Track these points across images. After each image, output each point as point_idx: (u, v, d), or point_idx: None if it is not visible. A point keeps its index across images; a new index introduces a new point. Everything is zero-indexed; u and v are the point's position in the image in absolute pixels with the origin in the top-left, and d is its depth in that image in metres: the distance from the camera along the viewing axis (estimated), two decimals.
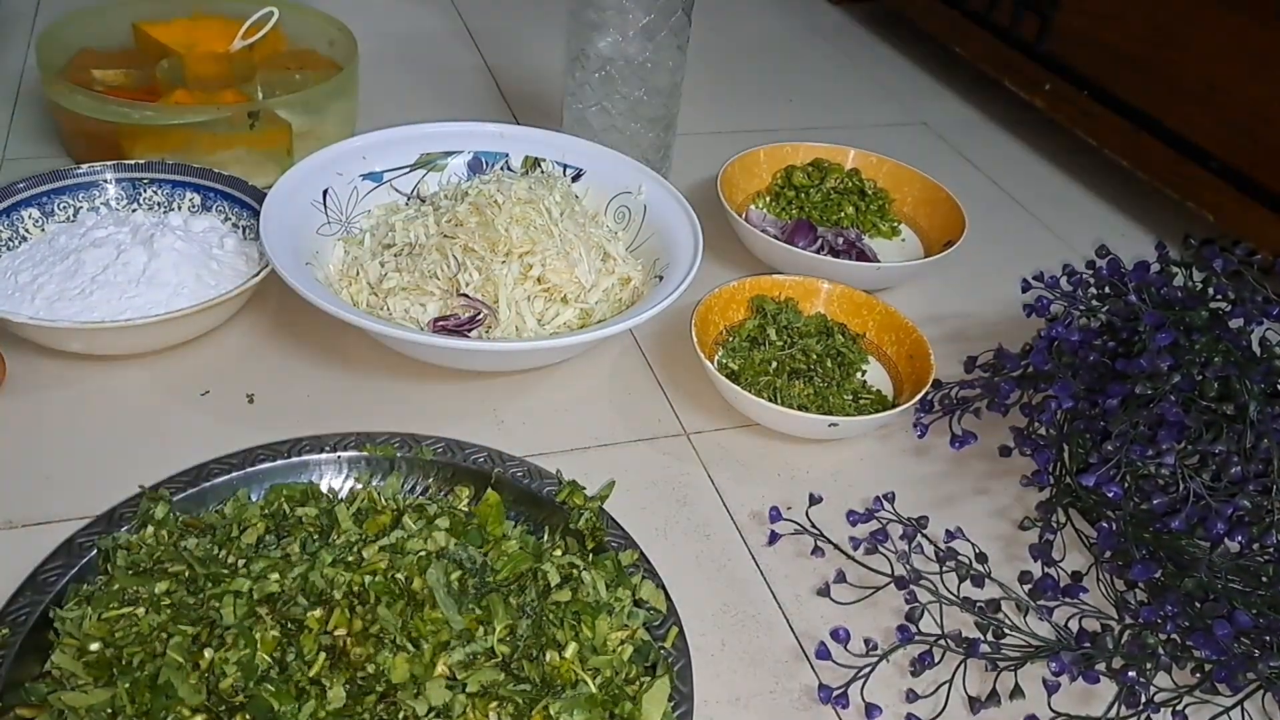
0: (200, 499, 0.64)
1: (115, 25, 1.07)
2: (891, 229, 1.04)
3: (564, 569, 0.59)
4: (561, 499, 0.65)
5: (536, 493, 0.66)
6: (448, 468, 0.67)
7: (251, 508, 0.62)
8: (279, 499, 0.63)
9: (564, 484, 0.66)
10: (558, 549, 0.62)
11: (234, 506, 0.63)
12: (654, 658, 0.56)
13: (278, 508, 0.62)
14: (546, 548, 0.61)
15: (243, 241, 0.85)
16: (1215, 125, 1.01)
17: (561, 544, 0.63)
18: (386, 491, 0.65)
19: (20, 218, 0.83)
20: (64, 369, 0.76)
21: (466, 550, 0.58)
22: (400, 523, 0.60)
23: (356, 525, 0.60)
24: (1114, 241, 1.08)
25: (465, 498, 0.66)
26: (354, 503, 0.63)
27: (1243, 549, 0.64)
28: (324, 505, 0.62)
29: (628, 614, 0.58)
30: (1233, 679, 0.60)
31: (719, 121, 1.24)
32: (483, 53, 1.34)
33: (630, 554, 0.62)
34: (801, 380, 0.80)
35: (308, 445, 0.67)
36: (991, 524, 0.74)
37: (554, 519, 0.65)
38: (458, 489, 0.67)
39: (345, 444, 0.67)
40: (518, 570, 0.58)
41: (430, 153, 0.93)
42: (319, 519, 0.61)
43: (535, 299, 0.80)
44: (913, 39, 1.52)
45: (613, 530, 0.64)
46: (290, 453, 0.66)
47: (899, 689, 0.62)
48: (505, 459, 0.68)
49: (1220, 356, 0.70)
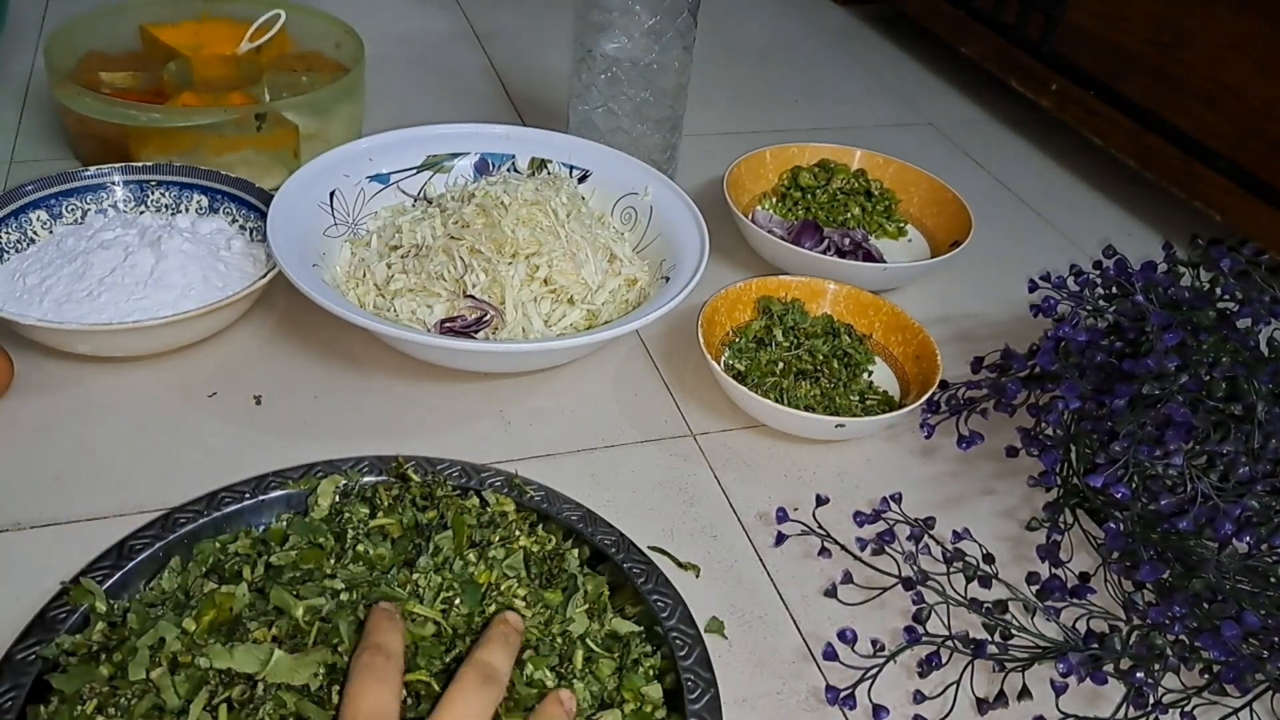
0: (216, 526, 0.62)
1: (122, 28, 1.07)
2: (898, 229, 1.04)
3: None
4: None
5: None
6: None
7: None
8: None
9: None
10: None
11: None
12: None
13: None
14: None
15: (250, 243, 0.85)
16: (1223, 125, 1.01)
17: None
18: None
19: (28, 220, 0.83)
20: (72, 371, 0.76)
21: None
22: None
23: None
24: (1121, 241, 1.08)
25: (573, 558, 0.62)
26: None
27: (1251, 549, 0.64)
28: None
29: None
30: (1241, 680, 0.60)
31: (725, 122, 1.24)
32: (489, 54, 1.34)
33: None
34: (808, 381, 0.80)
35: (320, 470, 0.65)
36: (999, 524, 0.74)
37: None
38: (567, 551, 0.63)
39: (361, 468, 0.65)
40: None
41: (436, 154, 0.93)
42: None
43: (542, 300, 0.80)
44: (918, 39, 1.52)
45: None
46: (302, 479, 0.64)
47: (906, 690, 0.62)
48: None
49: (1228, 356, 0.69)
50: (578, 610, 0.56)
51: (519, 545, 0.60)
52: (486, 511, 0.63)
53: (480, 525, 0.61)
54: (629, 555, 0.61)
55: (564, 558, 0.60)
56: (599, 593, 0.59)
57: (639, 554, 0.61)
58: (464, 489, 0.65)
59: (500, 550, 0.59)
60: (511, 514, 0.63)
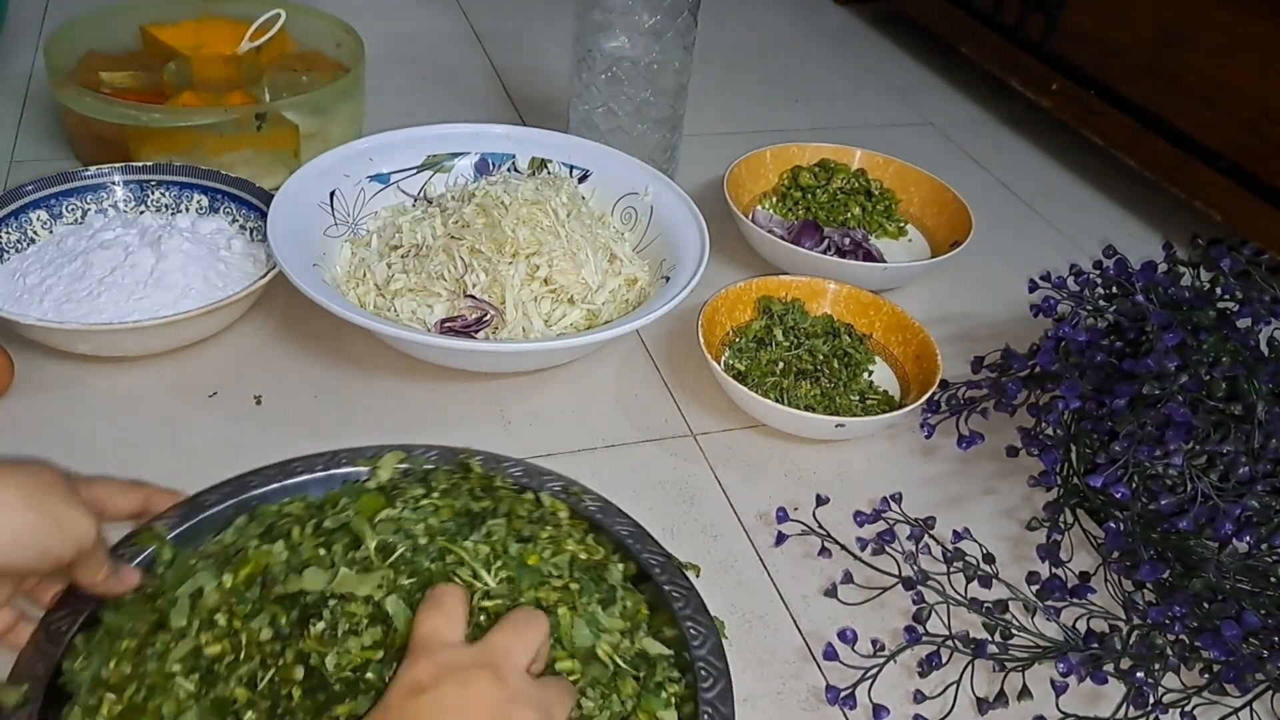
0: (244, 507, 0.62)
1: (123, 28, 1.08)
2: (898, 229, 1.04)
3: None
4: None
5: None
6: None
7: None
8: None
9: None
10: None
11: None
12: None
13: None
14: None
15: (250, 243, 0.85)
16: (1223, 124, 1.01)
17: None
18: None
19: (28, 220, 0.83)
20: (72, 370, 0.76)
21: None
22: None
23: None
24: (1121, 241, 1.08)
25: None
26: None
27: (1251, 549, 0.64)
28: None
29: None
30: (1241, 679, 0.60)
31: (725, 122, 1.24)
32: (489, 54, 1.34)
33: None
34: (808, 381, 0.80)
35: (344, 458, 0.65)
36: (999, 524, 0.74)
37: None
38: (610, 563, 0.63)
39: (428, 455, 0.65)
40: None
41: (437, 154, 0.93)
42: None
43: (542, 300, 0.80)
44: (919, 39, 1.52)
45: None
46: (329, 465, 0.64)
47: (906, 690, 0.62)
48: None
49: (1228, 356, 0.69)
50: (612, 622, 0.56)
51: (567, 548, 0.59)
52: (540, 510, 0.63)
53: (530, 521, 0.61)
54: (672, 578, 0.60)
55: (608, 569, 0.59)
56: (636, 609, 0.58)
57: (683, 579, 0.59)
58: (522, 487, 0.65)
59: (548, 548, 0.58)
60: (564, 518, 0.62)
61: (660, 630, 0.58)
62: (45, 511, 0.49)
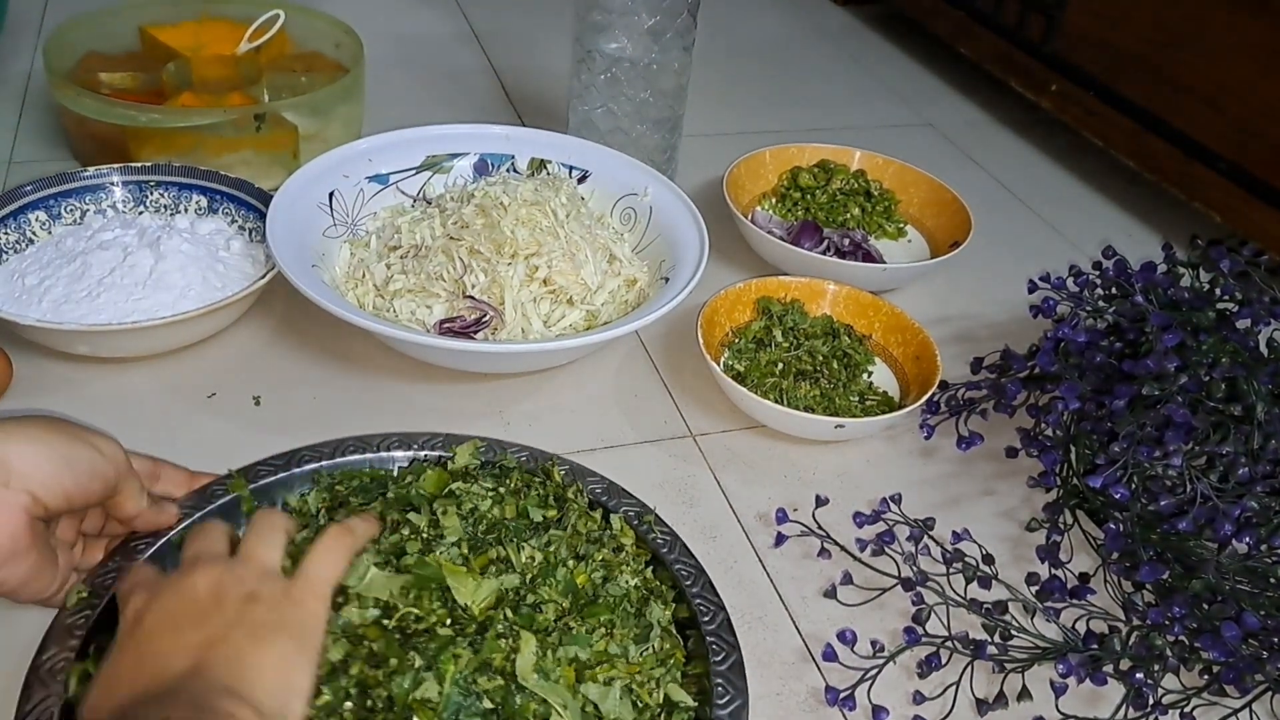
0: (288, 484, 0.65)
1: (122, 28, 1.08)
2: (897, 230, 1.04)
3: None
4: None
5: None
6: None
7: None
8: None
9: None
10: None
11: None
12: None
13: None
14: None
15: (249, 244, 0.85)
16: (1222, 125, 1.01)
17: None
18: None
19: (27, 220, 0.83)
20: (71, 371, 0.76)
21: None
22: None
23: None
24: (1120, 242, 1.08)
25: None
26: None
27: (1250, 550, 0.64)
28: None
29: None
30: (1241, 680, 0.60)
31: (725, 123, 1.24)
32: (488, 55, 1.34)
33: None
34: (808, 382, 0.80)
35: (397, 441, 0.68)
36: (998, 525, 0.74)
37: None
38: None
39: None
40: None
41: (436, 155, 0.93)
42: None
43: (541, 301, 0.80)
44: (918, 40, 1.52)
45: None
46: (379, 447, 0.67)
47: (906, 691, 0.62)
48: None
49: (1227, 357, 0.69)
50: (640, 660, 0.55)
51: (618, 576, 0.59)
52: (607, 533, 0.62)
53: (589, 540, 0.61)
54: (719, 630, 0.58)
55: (650, 607, 0.58)
56: (670, 653, 0.57)
57: (729, 635, 0.58)
58: (595, 503, 0.65)
59: (599, 570, 0.58)
60: (629, 545, 0.62)
61: (693, 681, 0.57)
62: (76, 438, 0.53)
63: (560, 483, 0.65)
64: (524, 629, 0.53)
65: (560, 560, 0.58)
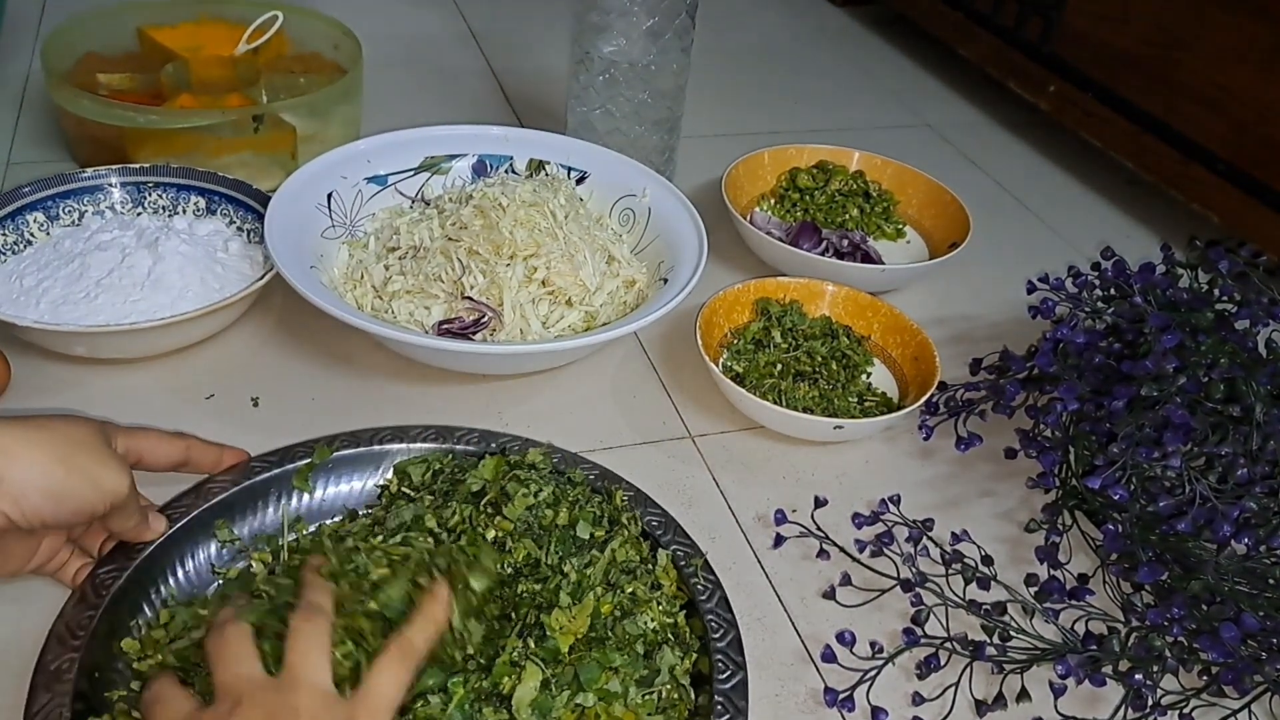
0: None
1: (120, 29, 1.07)
2: (896, 231, 1.04)
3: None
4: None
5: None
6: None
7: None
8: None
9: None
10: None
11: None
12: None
13: None
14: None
15: (247, 245, 0.85)
16: (1221, 127, 1.01)
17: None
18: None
19: (25, 221, 0.83)
20: (69, 373, 0.76)
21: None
22: None
23: None
24: (1119, 243, 1.08)
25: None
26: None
27: (1249, 551, 0.64)
28: None
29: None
30: (1240, 681, 0.60)
31: (723, 124, 1.24)
32: (487, 56, 1.34)
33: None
34: (806, 382, 0.80)
35: (388, 435, 0.69)
36: (997, 526, 0.74)
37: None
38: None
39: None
40: None
41: (435, 156, 0.93)
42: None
43: (540, 302, 0.80)
44: (917, 41, 1.52)
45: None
46: (373, 440, 0.68)
47: (905, 692, 0.62)
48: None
49: (1226, 358, 0.69)
50: (644, 704, 0.55)
51: (645, 613, 0.58)
52: (647, 567, 0.61)
53: (626, 571, 0.60)
54: (729, 691, 0.56)
55: (664, 652, 0.57)
56: (671, 702, 0.55)
57: (741, 696, 0.56)
58: (647, 534, 0.64)
59: (627, 603, 0.58)
60: (667, 587, 0.61)
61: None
62: (77, 469, 0.51)
63: (619, 506, 0.65)
64: (532, 660, 0.53)
65: (590, 584, 0.58)
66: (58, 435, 0.52)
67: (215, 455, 0.63)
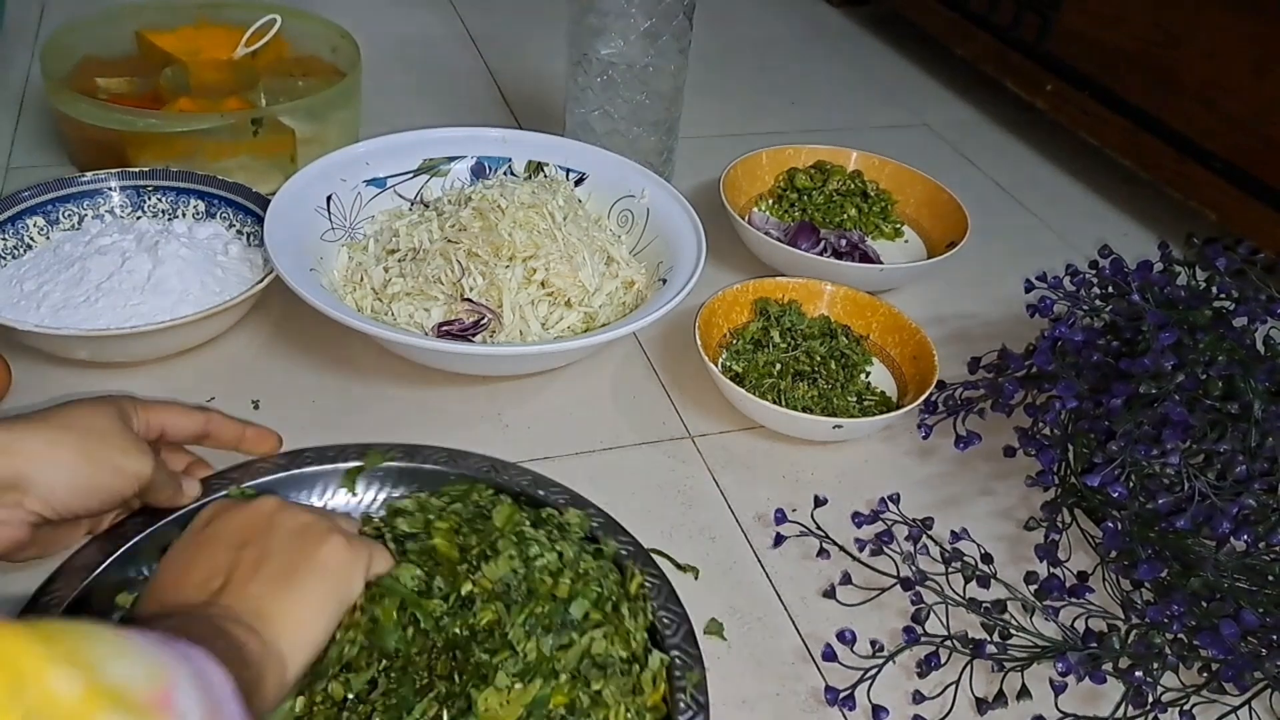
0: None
1: (119, 33, 1.08)
2: (894, 230, 1.04)
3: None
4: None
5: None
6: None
7: None
8: None
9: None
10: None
11: None
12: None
13: None
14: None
15: (247, 248, 0.85)
16: (1217, 124, 1.01)
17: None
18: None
19: (25, 226, 0.83)
20: (69, 376, 0.76)
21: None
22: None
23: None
24: (1117, 241, 1.08)
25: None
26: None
27: (1249, 548, 0.64)
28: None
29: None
30: (1240, 678, 0.60)
31: (721, 125, 1.24)
32: (485, 58, 1.34)
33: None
34: (805, 382, 0.81)
35: (353, 452, 0.67)
36: (997, 524, 0.74)
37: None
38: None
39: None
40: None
41: (433, 158, 0.93)
42: None
43: (539, 303, 0.80)
44: (914, 40, 1.53)
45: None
46: (338, 458, 0.66)
47: (905, 690, 0.62)
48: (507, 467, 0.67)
49: (1224, 355, 0.70)
50: None
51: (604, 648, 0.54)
52: (634, 665, 0.56)
53: (598, 666, 0.54)
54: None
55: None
56: None
57: None
58: (652, 631, 0.58)
59: (586, 698, 0.53)
60: (651, 695, 0.55)
61: None
62: (101, 461, 0.55)
63: (632, 593, 0.59)
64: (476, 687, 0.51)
65: (546, 670, 0.52)
66: (79, 431, 0.54)
67: (237, 430, 0.65)
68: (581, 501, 0.65)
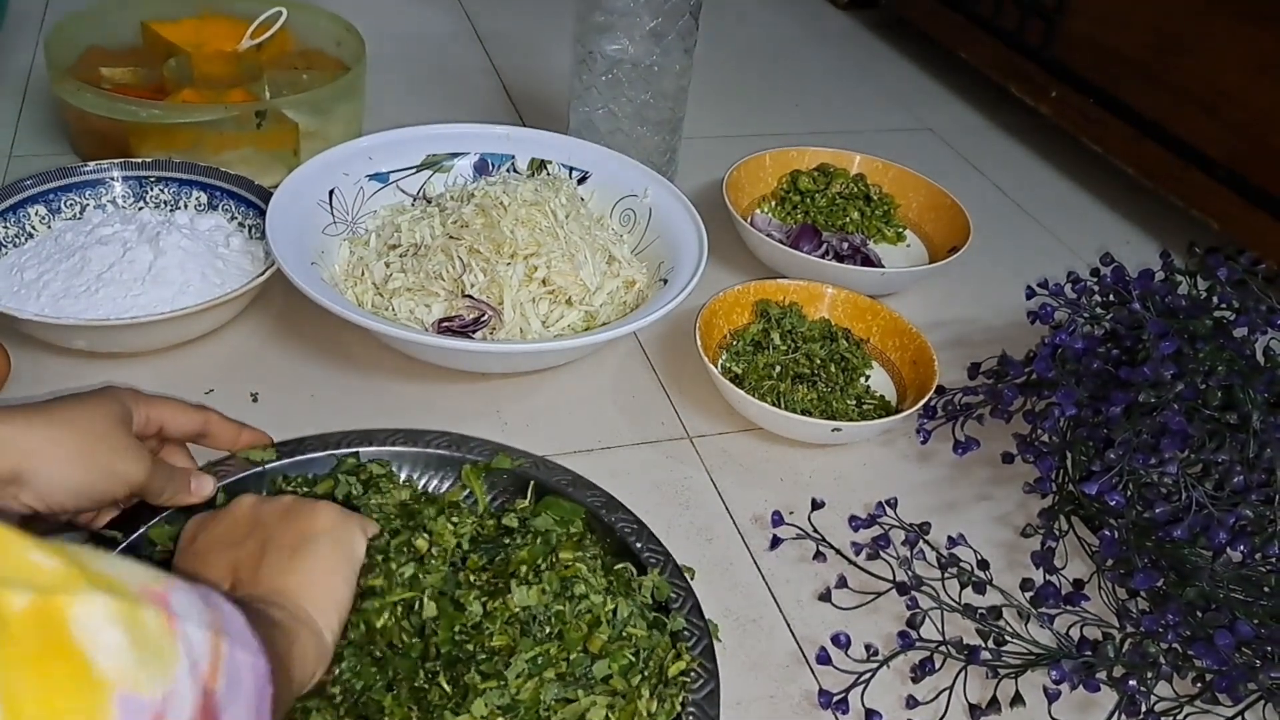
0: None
1: (123, 23, 1.07)
2: (896, 234, 1.04)
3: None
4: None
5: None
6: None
7: None
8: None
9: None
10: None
11: None
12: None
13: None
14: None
15: (248, 240, 0.85)
16: (1221, 132, 1.01)
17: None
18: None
19: (27, 215, 0.83)
20: (69, 366, 0.76)
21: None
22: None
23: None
24: (1118, 249, 1.08)
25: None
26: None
27: (1245, 559, 0.64)
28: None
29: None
30: (1234, 689, 0.60)
31: (725, 125, 1.24)
32: (490, 55, 1.34)
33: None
34: (805, 385, 0.81)
35: (356, 438, 0.67)
36: (994, 531, 0.74)
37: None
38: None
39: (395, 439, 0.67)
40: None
41: (436, 154, 0.93)
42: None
43: (540, 301, 0.80)
44: (919, 44, 1.52)
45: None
46: (340, 444, 0.67)
47: (899, 695, 0.62)
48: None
49: (1224, 365, 0.70)
50: None
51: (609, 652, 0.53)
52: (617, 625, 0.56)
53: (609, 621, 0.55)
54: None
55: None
56: None
57: None
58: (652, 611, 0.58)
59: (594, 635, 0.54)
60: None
61: None
62: (96, 465, 0.55)
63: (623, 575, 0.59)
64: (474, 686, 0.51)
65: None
66: (80, 431, 0.54)
67: (234, 431, 0.65)
68: (583, 483, 0.66)
